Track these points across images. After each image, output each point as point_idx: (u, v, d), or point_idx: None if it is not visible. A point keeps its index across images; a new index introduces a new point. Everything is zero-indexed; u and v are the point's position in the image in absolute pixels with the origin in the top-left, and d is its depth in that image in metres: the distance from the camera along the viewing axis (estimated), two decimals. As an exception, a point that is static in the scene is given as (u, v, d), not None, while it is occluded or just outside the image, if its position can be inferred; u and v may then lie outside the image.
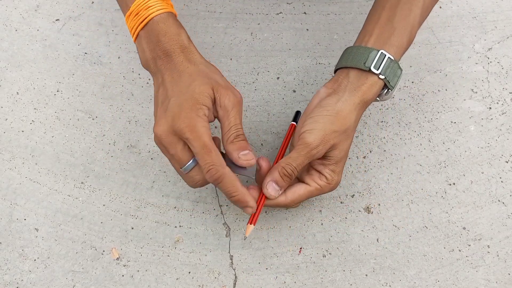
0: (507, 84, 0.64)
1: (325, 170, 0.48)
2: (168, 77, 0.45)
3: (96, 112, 0.62)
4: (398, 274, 0.54)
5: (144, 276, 0.53)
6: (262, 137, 0.61)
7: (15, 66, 0.65)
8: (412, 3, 0.48)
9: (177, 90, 0.44)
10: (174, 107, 0.43)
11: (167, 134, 0.43)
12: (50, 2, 0.70)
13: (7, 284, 0.53)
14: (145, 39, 0.47)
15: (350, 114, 0.47)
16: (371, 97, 0.48)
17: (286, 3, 0.71)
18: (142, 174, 0.58)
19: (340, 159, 0.48)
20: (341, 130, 0.46)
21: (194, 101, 0.43)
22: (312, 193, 0.48)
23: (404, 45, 0.48)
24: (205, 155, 0.43)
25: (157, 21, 0.46)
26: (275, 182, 0.47)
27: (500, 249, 0.55)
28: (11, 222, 0.56)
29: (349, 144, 0.48)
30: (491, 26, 0.69)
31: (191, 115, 0.43)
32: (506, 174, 0.59)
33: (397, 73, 0.48)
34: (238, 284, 0.53)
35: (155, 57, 0.46)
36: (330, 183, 0.48)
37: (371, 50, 0.47)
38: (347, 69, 0.48)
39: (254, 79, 0.65)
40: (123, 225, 0.56)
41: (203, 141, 0.42)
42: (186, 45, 0.47)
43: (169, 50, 0.45)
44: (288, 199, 0.48)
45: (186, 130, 0.42)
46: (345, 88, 0.47)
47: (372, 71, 0.46)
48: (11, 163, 0.59)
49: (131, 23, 0.47)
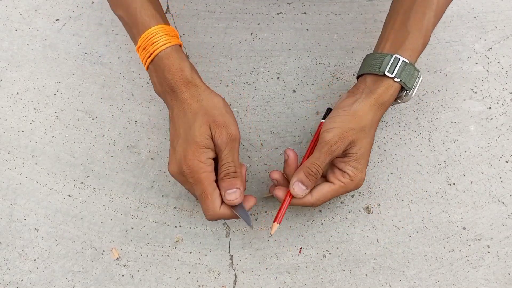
0: (507, 84, 0.64)
1: (347, 167, 0.50)
2: (176, 113, 0.49)
3: (96, 112, 0.62)
4: (398, 274, 0.54)
5: (144, 276, 0.53)
6: (262, 137, 0.61)
7: (15, 66, 0.65)
8: (426, 6, 0.50)
9: (182, 131, 0.47)
10: (180, 151, 0.47)
11: (177, 174, 0.48)
12: (50, 2, 0.70)
13: (7, 284, 0.53)
14: (154, 72, 0.49)
15: (366, 114, 0.49)
16: (387, 99, 0.50)
17: (286, 3, 0.71)
18: (142, 174, 0.58)
19: (361, 155, 0.50)
20: (358, 128, 0.49)
21: (196, 145, 0.46)
22: (337, 191, 0.50)
23: (419, 48, 0.50)
24: (202, 200, 0.47)
25: (162, 57, 0.48)
26: (301, 182, 0.49)
27: (500, 249, 0.55)
28: (11, 222, 0.56)
29: (368, 142, 0.50)
30: (491, 26, 0.69)
31: (194, 162, 0.46)
32: (506, 174, 0.59)
33: (414, 75, 0.50)
34: (238, 284, 0.53)
35: (164, 92, 0.49)
36: (353, 179, 0.50)
37: (385, 55, 0.50)
38: (365, 75, 0.52)
39: (254, 79, 0.65)
40: (123, 225, 0.56)
41: (202, 187, 0.46)
42: (190, 79, 0.49)
43: (174, 86, 0.48)
44: (314, 198, 0.50)
45: (189, 176, 0.46)
46: (362, 91, 0.51)
47: (387, 75, 0.49)
48: (11, 163, 0.59)
49: (141, 56, 0.50)
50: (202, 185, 0.46)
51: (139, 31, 0.49)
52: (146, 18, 0.49)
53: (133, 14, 0.49)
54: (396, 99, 0.52)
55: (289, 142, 0.61)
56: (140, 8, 0.49)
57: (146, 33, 0.48)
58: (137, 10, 0.49)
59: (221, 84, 0.64)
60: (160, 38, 0.48)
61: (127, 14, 0.49)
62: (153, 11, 0.49)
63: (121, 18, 0.51)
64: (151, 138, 0.61)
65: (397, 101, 0.53)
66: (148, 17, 0.49)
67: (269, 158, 0.60)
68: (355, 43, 0.67)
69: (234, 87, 0.64)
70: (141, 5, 0.49)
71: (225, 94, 0.63)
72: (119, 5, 0.50)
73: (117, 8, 0.51)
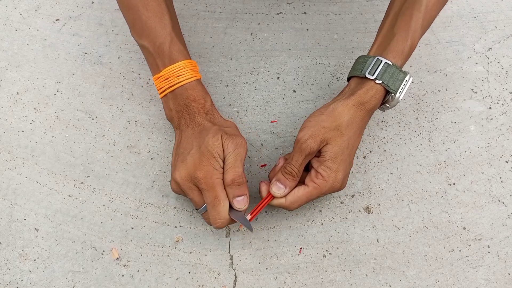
0: (507, 84, 0.64)
1: (321, 167, 0.50)
2: (190, 132, 0.51)
3: (96, 112, 0.62)
4: (398, 274, 0.54)
5: (144, 276, 0.53)
6: (262, 137, 0.61)
7: (15, 66, 0.65)
8: (414, 8, 0.50)
9: (196, 144, 0.49)
10: (194, 157, 0.48)
11: (185, 180, 0.48)
12: (50, 2, 0.70)
13: (7, 284, 0.53)
14: (172, 100, 0.52)
15: (342, 113, 0.50)
16: (368, 99, 0.50)
17: (286, 3, 0.71)
18: (142, 174, 0.58)
19: (335, 155, 0.49)
20: (331, 126, 0.49)
21: (210, 154, 0.48)
22: (311, 193, 0.50)
23: (405, 50, 0.50)
24: (213, 207, 0.48)
25: (186, 88, 0.52)
26: (278, 181, 0.50)
27: (500, 249, 0.55)
28: (11, 222, 0.56)
29: (344, 141, 0.49)
30: (491, 26, 0.69)
31: (208, 168, 0.48)
32: (506, 174, 0.59)
33: (399, 77, 0.50)
34: (238, 284, 0.53)
35: (180, 117, 0.52)
36: (327, 180, 0.49)
37: (368, 58, 0.50)
38: (351, 78, 0.53)
39: (254, 79, 0.65)
40: (123, 225, 0.56)
41: (215, 193, 0.47)
42: (210, 110, 0.53)
43: (194, 112, 0.52)
44: (288, 201, 0.50)
45: (203, 181, 0.47)
46: (344, 93, 0.52)
47: (367, 77, 0.50)
48: (11, 163, 0.59)
49: (160, 84, 0.52)
50: (214, 191, 0.47)
51: (165, 63, 0.51)
52: (174, 53, 0.52)
53: (160, 46, 0.51)
54: (384, 103, 0.52)
55: (289, 142, 0.61)
56: (169, 43, 0.51)
57: (173, 66, 0.51)
58: (165, 44, 0.51)
59: (221, 84, 0.64)
60: (186, 72, 0.52)
61: (153, 46, 0.52)
62: (181, 47, 0.52)
63: (144, 47, 0.53)
64: (151, 138, 0.61)
65: (386, 105, 0.52)
66: (176, 52, 0.52)
67: (269, 158, 0.60)
68: (355, 43, 0.67)
69: (234, 87, 0.64)
70: (170, 40, 0.52)
71: (225, 94, 0.63)
72: (145, 36, 0.52)
73: (141, 38, 0.52)
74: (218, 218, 0.48)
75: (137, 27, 0.53)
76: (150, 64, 0.53)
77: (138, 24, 0.52)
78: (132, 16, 0.53)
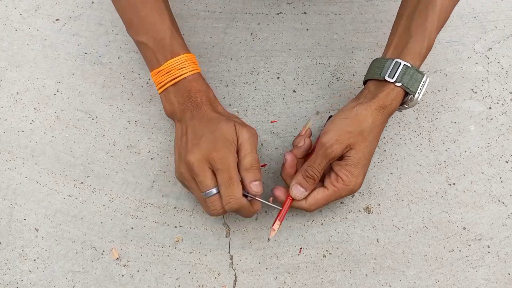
0: (507, 84, 0.64)
1: (342, 171, 0.50)
2: (197, 121, 0.51)
3: (96, 112, 0.62)
4: (398, 274, 0.54)
5: (144, 276, 0.53)
6: (262, 137, 0.61)
7: (15, 66, 0.65)
8: (429, 9, 0.50)
9: (207, 130, 0.50)
10: (208, 141, 0.49)
11: (199, 161, 0.48)
12: (50, 2, 0.70)
13: (7, 284, 0.53)
14: (174, 93, 0.52)
15: (366, 118, 0.50)
16: (389, 103, 0.50)
17: (286, 3, 0.71)
18: (142, 174, 0.58)
19: (358, 160, 0.50)
20: (355, 131, 0.49)
21: (225, 139, 0.49)
22: (330, 196, 0.51)
23: (423, 51, 0.50)
24: (228, 187, 0.47)
25: (189, 80, 0.52)
26: (299, 184, 0.51)
27: (500, 249, 0.55)
28: (11, 222, 0.56)
29: (367, 146, 0.50)
30: (491, 26, 0.69)
31: (225, 150, 0.48)
32: (506, 174, 0.59)
33: (418, 78, 0.50)
34: (238, 284, 0.53)
35: (184, 109, 0.52)
36: (347, 185, 0.50)
37: (386, 60, 0.50)
38: (369, 81, 0.53)
39: (254, 79, 0.65)
40: (123, 225, 0.56)
41: (231, 173, 0.48)
42: (213, 100, 0.54)
43: (199, 102, 0.52)
44: (307, 203, 0.51)
45: (219, 162, 0.47)
46: (364, 96, 0.52)
47: (387, 80, 0.49)
48: (11, 163, 0.59)
49: (160, 79, 0.52)
50: (229, 172, 0.47)
51: (166, 57, 0.52)
52: (176, 47, 0.52)
53: (161, 41, 0.52)
54: (402, 103, 0.52)
55: (289, 142, 0.61)
56: (170, 37, 0.52)
57: (174, 59, 0.52)
58: (166, 39, 0.52)
59: (221, 84, 0.64)
60: (188, 65, 0.52)
61: (153, 41, 0.52)
62: (181, 41, 0.54)
63: (143, 44, 0.53)
64: (151, 138, 0.61)
65: (404, 106, 0.52)
66: (177, 45, 0.52)
67: (269, 158, 0.60)
68: (355, 43, 0.67)
69: (234, 87, 0.64)
70: (170, 34, 0.52)
71: (225, 94, 0.63)
72: (143, 32, 0.52)
73: (140, 34, 0.53)
74: (232, 197, 0.47)
75: (135, 24, 0.53)
76: (149, 60, 0.53)
77: (136, 21, 0.52)
78: (129, 14, 0.53)
